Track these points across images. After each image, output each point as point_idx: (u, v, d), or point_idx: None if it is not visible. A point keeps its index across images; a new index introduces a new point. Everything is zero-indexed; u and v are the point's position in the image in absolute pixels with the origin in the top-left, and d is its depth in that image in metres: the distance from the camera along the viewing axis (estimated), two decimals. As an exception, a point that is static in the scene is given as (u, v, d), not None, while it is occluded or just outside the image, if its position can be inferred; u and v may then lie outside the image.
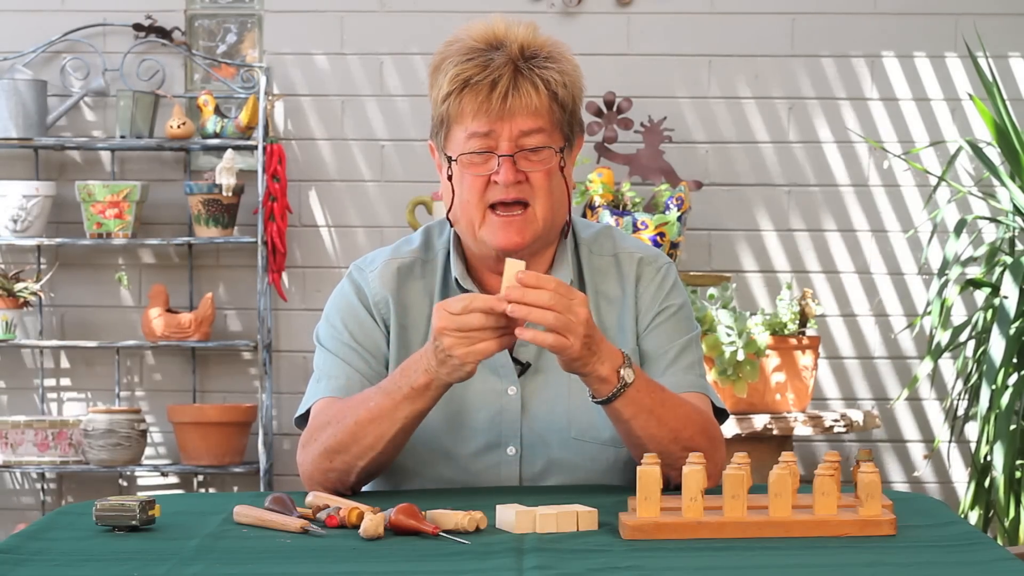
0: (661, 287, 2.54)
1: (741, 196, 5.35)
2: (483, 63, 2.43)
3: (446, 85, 2.44)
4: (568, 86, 2.46)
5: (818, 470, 2.04)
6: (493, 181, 2.43)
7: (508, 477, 2.49)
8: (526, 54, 2.44)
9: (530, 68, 2.43)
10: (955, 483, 5.34)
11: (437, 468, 2.49)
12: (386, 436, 2.36)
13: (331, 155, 5.38)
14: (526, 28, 2.47)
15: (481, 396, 2.49)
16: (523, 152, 2.43)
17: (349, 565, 1.88)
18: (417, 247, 2.58)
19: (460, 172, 2.45)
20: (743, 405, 4.69)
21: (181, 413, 5.20)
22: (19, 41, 5.34)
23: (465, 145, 2.44)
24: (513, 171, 2.42)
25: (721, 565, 1.86)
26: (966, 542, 1.96)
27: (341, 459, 2.39)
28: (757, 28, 5.34)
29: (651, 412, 2.36)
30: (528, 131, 2.43)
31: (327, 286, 5.34)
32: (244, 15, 5.40)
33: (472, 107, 2.42)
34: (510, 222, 2.44)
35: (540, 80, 2.43)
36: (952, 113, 5.34)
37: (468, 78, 2.42)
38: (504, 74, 2.42)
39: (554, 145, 2.45)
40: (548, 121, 2.44)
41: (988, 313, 4.81)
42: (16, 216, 5.18)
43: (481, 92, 2.41)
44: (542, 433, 2.49)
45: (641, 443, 2.37)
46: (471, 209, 2.45)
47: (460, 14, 5.20)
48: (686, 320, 2.56)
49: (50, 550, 1.99)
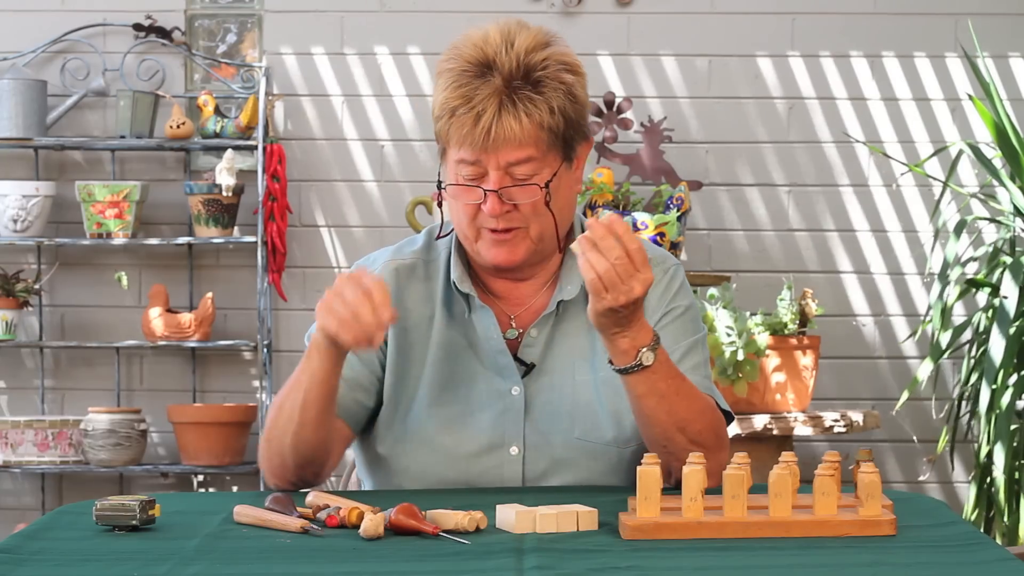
0: (668, 288, 2.54)
1: (741, 196, 5.35)
2: (469, 93, 2.40)
3: (437, 108, 2.44)
4: (558, 110, 2.42)
5: (818, 470, 2.03)
6: (482, 209, 2.43)
7: (511, 477, 2.49)
8: (514, 83, 2.40)
9: (515, 99, 2.40)
10: (956, 483, 5.34)
11: (439, 468, 2.49)
12: (297, 404, 2.39)
13: (331, 155, 5.38)
14: (524, 43, 2.42)
15: (484, 396, 2.49)
16: (510, 186, 2.42)
17: (349, 565, 1.88)
18: (419, 248, 2.58)
19: (451, 198, 2.46)
20: (743, 405, 4.69)
21: (181, 413, 5.20)
22: (19, 41, 5.34)
23: (456, 170, 2.44)
24: (499, 204, 2.42)
25: (721, 565, 1.86)
26: (966, 542, 1.96)
27: (276, 443, 2.43)
28: (757, 28, 5.34)
29: (663, 397, 2.36)
30: (516, 161, 2.41)
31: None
32: (244, 15, 5.40)
33: (458, 136, 2.41)
34: (503, 240, 2.45)
35: (524, 113, 2.39)
36: (952, 113, 5.34)
37: (454, 108, 2.41)
38: (488, 107, 2.39)
39: (547, 170, 2.43)
40: (537, 149, 2.42)
41: (988, 313, 4.81)
42: (16, 216, 5.18)
43: (466, 124, 2.40)
44: (545, 433, 2.49)
45: (646, 422, 2.39)
46: (465, 227, 2.47)
47: (460, 14, 5.20)
48: (692, 322, 2.56)
49: (50, 550, 1.99)
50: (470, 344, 2.52)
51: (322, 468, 2.47)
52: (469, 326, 2.52)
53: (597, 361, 2.50)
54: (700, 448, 2.37)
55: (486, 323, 2.50)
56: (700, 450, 2.36)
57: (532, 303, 2.54)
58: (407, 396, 2.51)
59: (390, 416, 2.51)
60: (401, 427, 2.51)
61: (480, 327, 2.51)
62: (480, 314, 2.51)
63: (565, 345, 2.52)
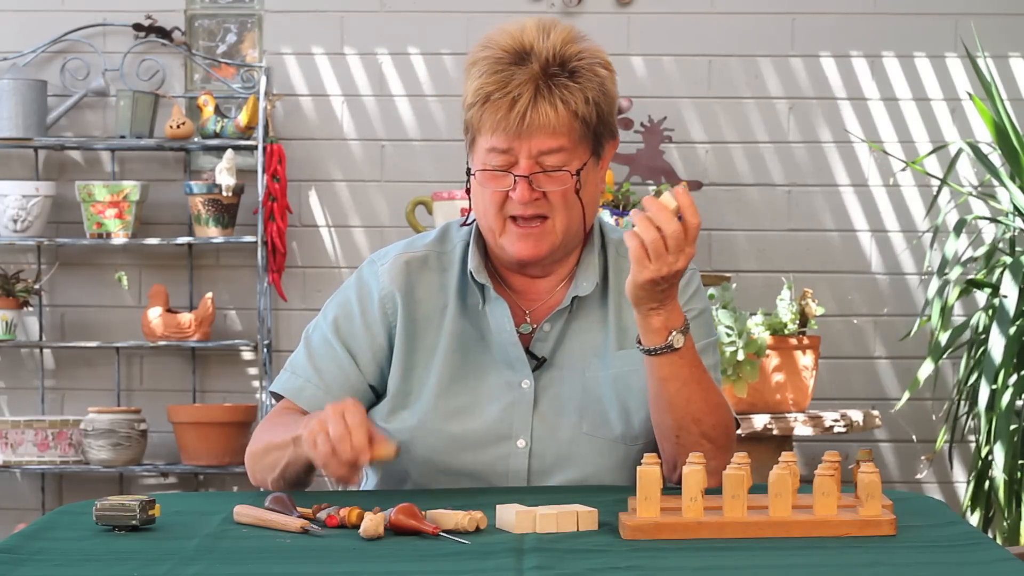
0: (684, 291, 2.54)
1: (741, 196, 5.35)
2: (505, 79, 2.42)
3: (470, 95, 2.45)
4: (592, 101, 2.46)
5: (818, 470, 2.04)
6: (510, 196, 2.44)
7: (517, 469, 2.49)
8: (551, 69, 2.43)
9: (551, 86, 2.43)
10: (955, 483, 5.34)
11: (446, 458, 2.50)
12: (278, 466, 2.44)
13: (331, 155, 5.38)
14: (559, 35, 2.46)
15: (494, 388, 2.50)
16: (540, 173, 2.43)
17: (349, 565, 1.88)
18: (432, 240, 2.59)
19: (479, 185, 2.47)
20: (743, 405, 4.69)
21: (181, 413, 5.20)
22: (19, 41, 5.34)
23: (485, 158, 2.45)
24: (529, 190, 2.43)
25: (721, 565, 1.86)
26: (966, 542, 1.96)
27: (259, 467, 2.49)
28: (757, 28, 5.34)
29: (685, 384, 2.38)
30: (548, 151, 2.43)
31: (327, 286, 5.34)
32: (244, 15, 5.40)
33: (492, 122, 2.43)
34: (528, 233, 2.46)
35: (560, 100, 2.43)
36: (952, 113, 5.34)
37: (489, 93, 2.43)
38: (524, 92, 2.41)
39: (576, 161, 2.45)
40: (569, 139, 2.45)
41: (988, 313, 4.81)
42: (16, 216, 5.18)
43: (501, 109, 2.42)
44: (553, 427, 2.50)
45: (665, 410, 2.39)
46: (490, 219, 2.47)
47: (460, 14, 5.19)
48: (705, 325, 2.57)
49: (50, 550, 1.99)
50: (482, 336, 2.52)
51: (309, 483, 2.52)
52: (482, 318, 2.53)
53: (608, 357, 2.51)
54: (710, 443, 2.38)
55: (500, 315, 2.51)
56: (710, 445, 2.38)
57: (548, 299, 2.55)
58: (417, 384, 2.52)
59: (398, 405, 2.52)
60: (409, 416, 2.51)
61: (493, 319, 2.52)
62: (494, 306, 2.51)
63: (577, 341, 2.52)
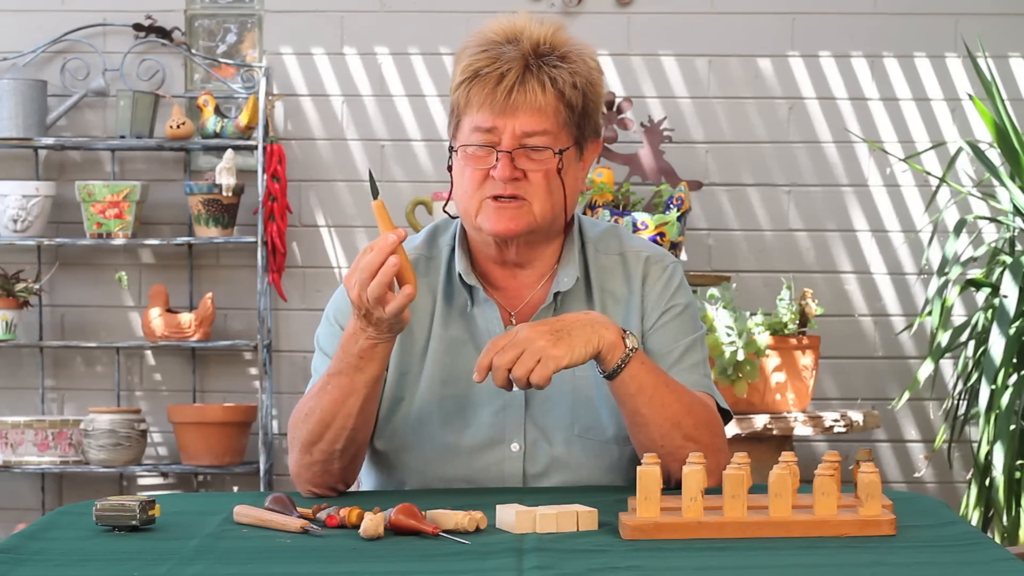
0: (667, 286, 2.54)
1: (741, 196, 5.35)
2: (494, 56, 2.44)
3: (459, 74, 2.47)
4: (579, 87, 2.46)
5: (818, 470, 2.03)
6: (491, 176, 2.44)
7: (511, 473, 2.49)
8: (540, 51, 2.45)
9: (540, 65, 2.44)
10: (956, 483, 5.34)
11: (440, 464, 2.49)
12: (353, 411, 2.39)
13: (331, 155, 5.38)
14: (549, 27, 2.48)
15: (486, 392, 2.50)
16: (522, 150, 2.44)
17: (349, 565, 1.88)
18: (420, 244, 2.59)
19: (461, 163, 2.47)
20: (743, 405, 4.69)
21: (181, 413, 5.20)
22: (19, 41, 5.34)
23: (469, 137, 2.46)
24: (510, 167, 2.43)
25: (721, 565, 1.86)
26: (966, 542, 1.96)
27: (319, 448, 2.41)
28: (757, 28, 5.34)
29: (656, 390, 2.38)
30: (531, 132, 2.44)
31: (327, 286, 5.34)
32: (244, 15, 5.40)
33: (478, 99, 2.43)
34: (505, 208, 2.45)
35: (548, 78, 2.44)
36: (952, 113, 5.34)
37: (478, 69, 2.44)
38: (512, 68, 2.43)
39: (557, 146, 2.45)
40: (553, 123, 2.45)
41: (988, 313, 4.81)
42: (16, 216, 5.18)
43: (488, 84, 2.43)
44: (546, 430, 2.50)
45: (644, 424, 2.39)
46: (468, 199, 2.47)
47: (460, 14, 5.19)
48: (691, 320, 2.56)
49: (50, 550, 1.99)
50: (471, 338, 2.52)
51: (359, 468, 2.49)
52: (470, 320, 2.53)
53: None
54: (696, 445, 2.38)
55: (488, 316, 2.51)
56: (697, 447, 2.37)
57: (531, 298, 2.55)
58: (408, 391, 2.52)
59: (390, 412, 2.51)
60: (402, 423, 2.51)
61: (482, 321, 2.52)
62: (483, 307, 2.52)
63: None
